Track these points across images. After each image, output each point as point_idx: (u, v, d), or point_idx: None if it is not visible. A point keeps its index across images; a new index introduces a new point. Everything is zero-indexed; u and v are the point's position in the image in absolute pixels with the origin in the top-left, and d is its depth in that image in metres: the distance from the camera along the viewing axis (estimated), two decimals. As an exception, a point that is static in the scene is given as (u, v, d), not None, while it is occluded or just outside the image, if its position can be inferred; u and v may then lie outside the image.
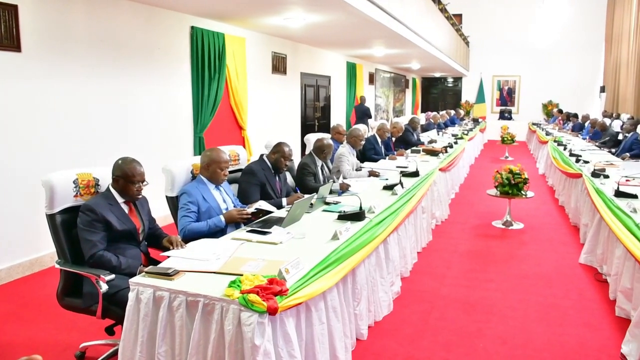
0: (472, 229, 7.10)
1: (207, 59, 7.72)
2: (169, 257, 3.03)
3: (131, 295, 2.66)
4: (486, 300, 4.60)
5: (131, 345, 2.64)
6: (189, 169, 4.02)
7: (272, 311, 2.38)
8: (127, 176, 3.25)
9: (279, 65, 10.42)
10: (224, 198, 3.99)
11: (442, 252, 6.01)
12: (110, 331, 3.37)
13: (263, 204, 3.99)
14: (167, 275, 2.68)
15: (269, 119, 10.05)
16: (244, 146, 8.79)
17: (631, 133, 9.35)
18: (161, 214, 4.28)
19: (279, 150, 4.56)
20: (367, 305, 3.84)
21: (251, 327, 2.36)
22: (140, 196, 3.39)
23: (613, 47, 18.89)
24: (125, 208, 3.34)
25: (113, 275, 2.95)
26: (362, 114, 14.76)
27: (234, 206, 3.99)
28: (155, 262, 3.30)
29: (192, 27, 7.48)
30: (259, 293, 2.40)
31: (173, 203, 3.92)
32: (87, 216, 3.10)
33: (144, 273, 2.73)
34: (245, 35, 8.86)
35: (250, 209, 3.93)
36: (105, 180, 3.39)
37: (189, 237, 3.59)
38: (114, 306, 3.00)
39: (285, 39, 10.53)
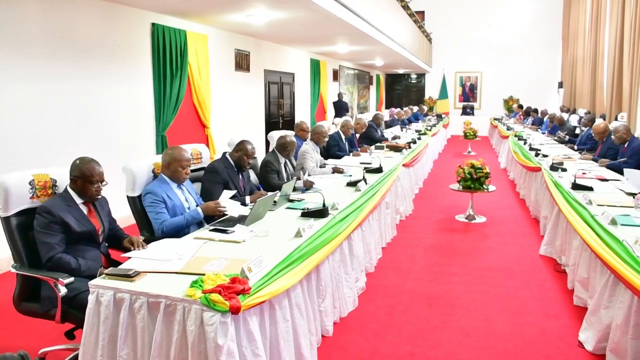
0: (436, 223, 7.20)
1: (169, 56, 7.62)
2: (129, 258, 2.99)
3: (91, 298, 2.61)
4: (450, 294, 4.68)
5: (92, 349, 2.59)
6: (150, 168, 3.96)
7: (234, 310, 2.37)
8: (85, 176, 3.18)
9: (242, 62, 10.35)
10: (187, 197, 3.95)
11: (407, 247, 6.07)
12: (70, 335, 3.29)
13: (230, 206, 3.96)
14: (127, 276, 2.64)
15: (232, 117, 9.97)
16: (208, 144, 8.71)
17: (587, 128, 9.60)
18: (123, 215, 4.22)
19: (241, 148, 4.53)
20: (332, 301, 3.85)
21: (214, 327, 2.35)
22: (99, 196, 3.32)
23: (570, 44, 19.41)
24: (84, 209, 3.26)
25: (72, 278, 2.89)
26: (340, 109, 15.73)
27: (197, 205, 3.95)
28: (116, 264, 3.24)
29: (153, 24, 7.37)
30: (221, 292, 2.39)
31: (134, 203, 3.85)
32: (44, 218, 3.03)
33: (104, 275, 2.68)
34: (207, 32, 8.78)
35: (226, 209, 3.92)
36: (63, 181, 3.31)
37: (168, 232, 3.58)
38: (74, 310, 2.93)
39: (248, 36, 10.47)
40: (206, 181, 4.45)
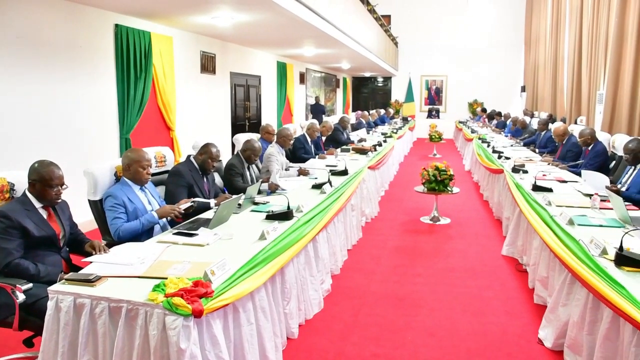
0: (401, 225, 7.27)
1: (133, 58, 7.52)
2: (91, 262, 2.94)
3: (50, 304, 2.56)
4: (414, 294, 4.73)
5: (51, 357, 2.55)
6: (112, 171, 3.91)
7: (197, 314, 2.36)
8: (44, 180, 3.12)
9: (207, 64, 10.29)
10: (149, 200, 3.91)
11: (372, 248, 6.12)
12: (29, 343, 3.21)
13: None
14: (88, 281, 2.60)
15: (198, 120, 9.90)
16: (173, 147, 8.63)
17: (544, 131, 9.85)
18: (85, 219, 4.15)
19: (206, 151, 4.51)
20: (297, 303, 3.86)
21: (176, 331, 2.33)
22: (59, 200, 3.26)
23: (531, 49, 19.88)
24: (44, 213, 3.20)
25: (30, 285, 2.83)
26: (317, 112, 16.93)
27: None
28: (78, 269, 3.20)
29: (117, 25, 7.27)
30: (183, 296, 2.38)
31: (96, 207, 3.81)
32: (1, 223, 2.96)
33: (63, 280, 2.64)
34: (172, 34, 8.70)
35: (183, 205, 3.89)
36: (22, 185, 3.24)
37: (125, 237, 3.53)
38: (33, 317, 2.87)
39: (214, 38, 10.41)
40: (170, 184, 4.41)
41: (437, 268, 5.46)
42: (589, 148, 6.83)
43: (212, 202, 4.41)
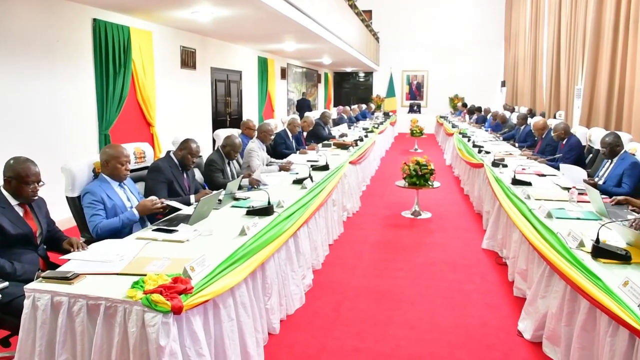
0: (383, 219, 7.30)
1: (112, 53, 7.43)
2: (69, 260, 2.91)
3: (27, 303, 2.53)
4: (395, 289, 4.75)
5: (28, 356, 2.52)
6: (91, 168, 3.87)
7: (176, 310, 2.35)
8: (20, 177, 3.07)
9: (188, 59, 10.20)
10: (129, 196, 3.87)
11: (354, 243, 6.14)
12: (5, 343, 3.16)
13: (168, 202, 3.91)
14: (66, 279, 2.57)
15: (178, 115, 9.82)
16: (153, 143, 8.55)
17: (524, 126, 9.97)
18: (63, 216, 4.10)
19: (185, 147, 4.47)
20: (278, 299, 3.86)
21: (155, 328, 2.32)
22: (36, 197, 3.21)
23: (511, 45, 20.05)
24: (20, 211, 3.16)
25: (6, 283, 2.79)
26: (304, 107, 17.30)
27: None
28: (55, 267, 3.15)
29: (95, 20, 7.17)
30: (162, 293, 2.36)
31: (74, 204, 3.76)
32: (-25, 221, 2.91)
33: (40, 278, 2.60)
34: (151, 28, 8.61)
35: (166, 202, 3.86)
36: (-3, 182, 3.19)
37: (103, 235, 3.49)
38: (9, 316, 2.83)
39: (194, 33, 10.32)
40: (149, 180, 4.37)
41: (418, 262, 5.49)
42: (564, 142, 6.93)
43: (192, 197, 4.38)
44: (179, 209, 3.96)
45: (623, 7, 8.99)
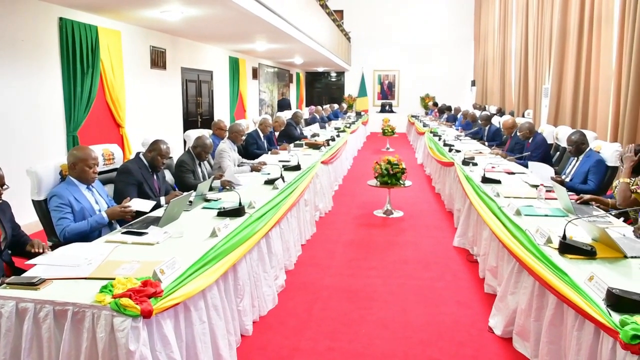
0: (355, 219, 7.32)
1: (79, 53, 7.29)
2: (35, 265, 2.84)
3: (-10, 311, 2.46)
4: (368, 287, 4.77)
5: (-8, 364, 2.46)
6: (57, 170, 3.79)
7: (146, 314, 2.32)
8: (-18, 181, 2.99)
9: (158, 59, 10.08)
10: (97, 199, 3.81)
11: (326, 243, 6.15)
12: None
13: (135, 202, 3.85)
14: (31, 285, 2.51)
15: (148, 116, 9.69)
16: (123, 144, 8.42)
17: (488, 126, 10.13)
18: (29, 220, 4.01)
19: (155, 148, 4.42)
20: (250, 300, 3.84)
21: (125, 333, 2.28)
22: (0, 201, 3.13)
23: (481, 45, 20.34)
24: (-17, 215, 3.08)
25: (-31, 289, 2.71)
26: (285, 106, 18.26)
27: (108, 207, 3.81)
28: (21, 272, 3.07)
29: (61, 19, 7.02)
30: (131, 296, 2.33)
31: (41, 207, 3.69)
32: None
33: (4, 285, 2.54)
34: (120, 28, 8.47)
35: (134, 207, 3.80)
36: (-42, 186, 3.10)
37: (71, 239, 3.42)
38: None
39: (163, 33, 10.20)
40: (119, 182, 4.31)
41: (390, 261, 5.52)
42: (530, 141, 7.07)
43: (162, 199, 4.33)
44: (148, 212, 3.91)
45: (587, 8, 9.20)
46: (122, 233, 3.42)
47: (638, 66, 6.96)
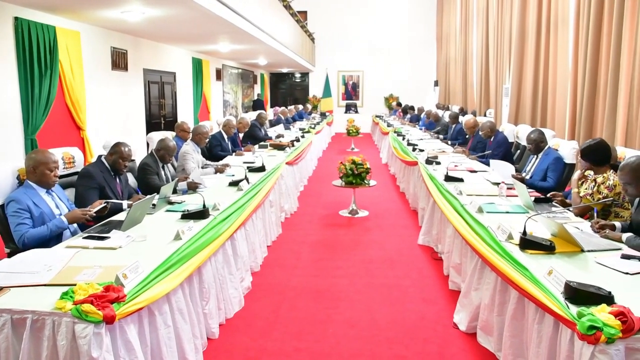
0: (321, 219, 7.34)
1: (37, 54, 7.10)
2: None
3: (-56, 321, 2.38)
4: (334, 287, 4.79)
5: (-53, 377, 2.38)
6: (14, 174, 3.71)
7: (109, 320, 2.28)
8: None
9: (119, 61, 9.90)
10: (57, 203, 3.73)
11: (292, 244, 6.14)
12: None
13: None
14: (-13, 293, 2.44)
15: (110, 118, 9.51)
16: (84, 147, 8.25)
17: (455, 124, 10.30)
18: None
19: (116, 150, 4.35)
20: (216, 303, 3.81)
21: (87, 339, 2.24)
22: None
23: (443, 45, 20.64)
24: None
25: None
26: (259, 106, 19.08)
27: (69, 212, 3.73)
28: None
29: (16, 19, 6.83)
30: (93, 302, 2.28)
31: (-3, 212, 3.58)
32: None
33: (-41, 293, 2.46)
34: (79, 28, 8.29)
35: (96, 207, 3.73)
36: None
37: (30, 244, 3.34)
38: None
39: (125, 34, 10.03)
40: (80, 186, 4.23)
41: (356, 260, 5.55)
42: (491, 139, 7.21)
43: (125, 203, 4.26)
44: (113, 214, 3.85)
45: (544, 10, 9.44)
46: (84, 238, 3.35)
47: (593, 66, 7.18)
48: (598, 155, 4.18)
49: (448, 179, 5.50)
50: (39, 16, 7.26)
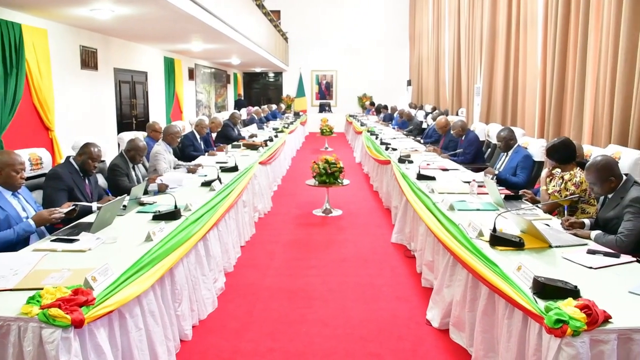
0: (294, 219, 7.33)
1: (1, 52, 6.94)
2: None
3: None
4: (308, 287, 4.79)
5: None
6: (-21, 177, 3.60)
7: (77, 324, 2.24)
8: None
9: (88, 60, 9.74)
10: (24, 206, 3.65)
11: (266, 244, 6.12)
12: None
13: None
14: (-49, 298, 2.38)
15: (80, 118, 9.35)
16: (53, 148, 8.10)
17: (433, 122, 10.38)
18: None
19: (85, 151, 4.27)
20: (189, 304, 3.77)
21: (54, 345, 2.20)
22: None
23: (416, 45, 20.80)
24: None
25: None
26: (241, 106, 19.07)
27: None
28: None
29: (-20, 17, 6.69)
30: (61, 306, 2.24)
31: (-39, 216, 3.49)
32: None
33: None
34: (47, 26, 8.12)
35: (64, 208, 3.66)
36: None
37: None
38: None
39: (94, 32, 9.87)
40: (48, 188, 4.14)
41: (330, 259, 5.56)
42: (463, 138, 7.30)
43: (95, 205, 4.19)
44: (82, 216, 3.79)
45: (514, 11, 9.58)
46: (52, 241, 3.29)
47: (560, 66, 7.32)
48: (563, 153, 4.26)
49: (420, 177, 5.55)
50: (4, 13, 7.10)
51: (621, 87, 5.61)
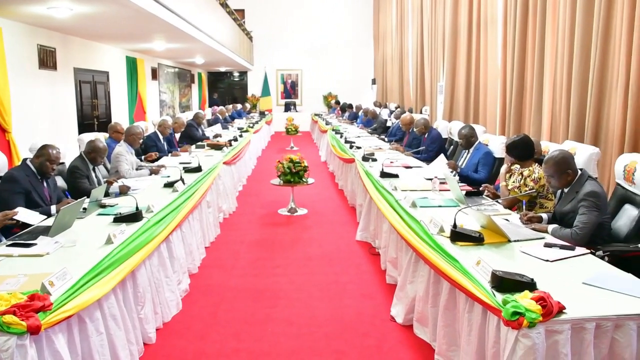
0: (259, 218, 7.31)
1: (-47, 52, 6.75)
2: None
3: None
4: (273, 286, 4.78)
5: None
6: None
7: (33, 330, 2.20)
8: None
9: (47, 59, 9.51)
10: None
11: (231, 244, 6.09)
12: None
13: (22, 213, 3.63)
14: None
15: (39, 120, 9.12)
16: (10, 151, 7.88)
17: (397, 120, 10.48)
18: None
19: (43, 153, 4.18)
20: (152, 307, 3.73)
21: (9, 353, 2.15)
22: None
23: (380, 44, 20.95)
24: None
25: None
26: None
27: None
28: None
29: None
30: (16, 313, 2.19)
31: None
32: None
33: None
34: (1, 24, 7.89)
35: (14, 214, 3.57)
36: None
37: None
38: None
39: (53, 31, 9.63)
40: (3, 191, 4.04)
41: (295, 258, 5.57)
42: (425, 136, 7.40)
43: (53, 207, 4.10)
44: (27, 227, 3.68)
45: (475, 10, 9.75)
46: (7, 245, 3.21)
47: (520, 65, 7.48)
48: (522, 150, 4.35)
49: (383, 175, 5.61)
50: (-44, 13, 6.89)
51: (577, 86, 5.78)
